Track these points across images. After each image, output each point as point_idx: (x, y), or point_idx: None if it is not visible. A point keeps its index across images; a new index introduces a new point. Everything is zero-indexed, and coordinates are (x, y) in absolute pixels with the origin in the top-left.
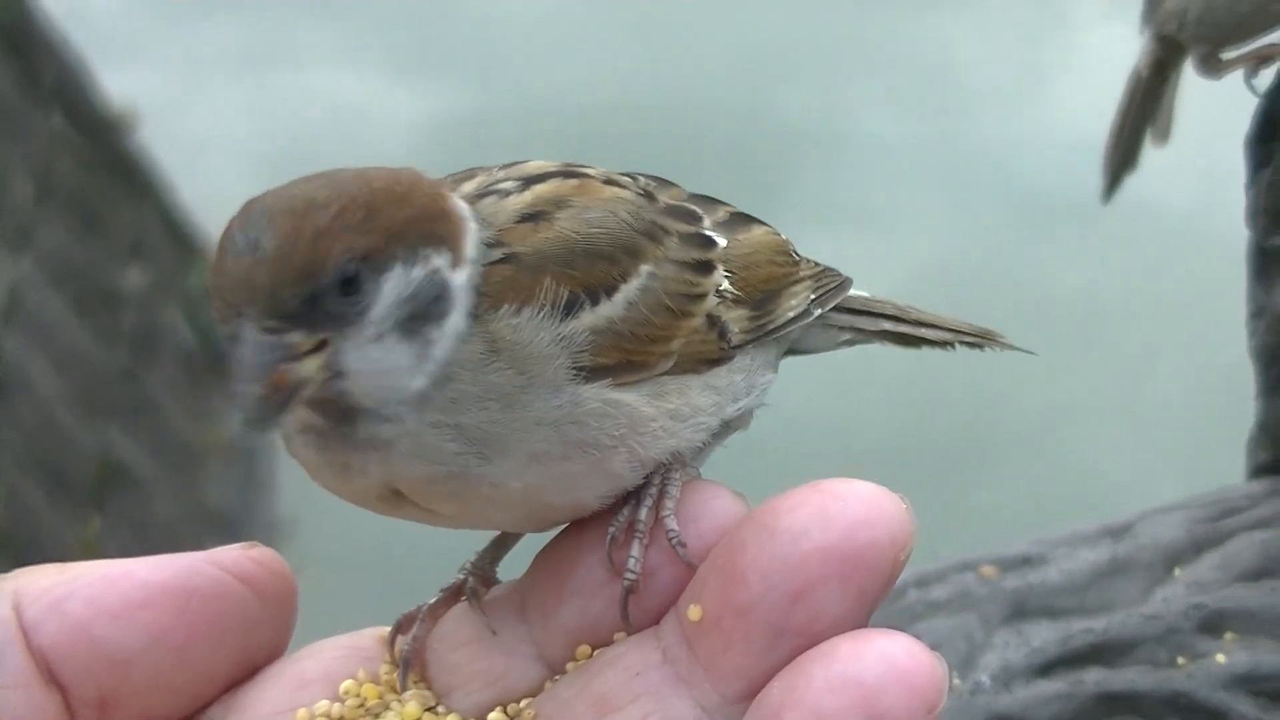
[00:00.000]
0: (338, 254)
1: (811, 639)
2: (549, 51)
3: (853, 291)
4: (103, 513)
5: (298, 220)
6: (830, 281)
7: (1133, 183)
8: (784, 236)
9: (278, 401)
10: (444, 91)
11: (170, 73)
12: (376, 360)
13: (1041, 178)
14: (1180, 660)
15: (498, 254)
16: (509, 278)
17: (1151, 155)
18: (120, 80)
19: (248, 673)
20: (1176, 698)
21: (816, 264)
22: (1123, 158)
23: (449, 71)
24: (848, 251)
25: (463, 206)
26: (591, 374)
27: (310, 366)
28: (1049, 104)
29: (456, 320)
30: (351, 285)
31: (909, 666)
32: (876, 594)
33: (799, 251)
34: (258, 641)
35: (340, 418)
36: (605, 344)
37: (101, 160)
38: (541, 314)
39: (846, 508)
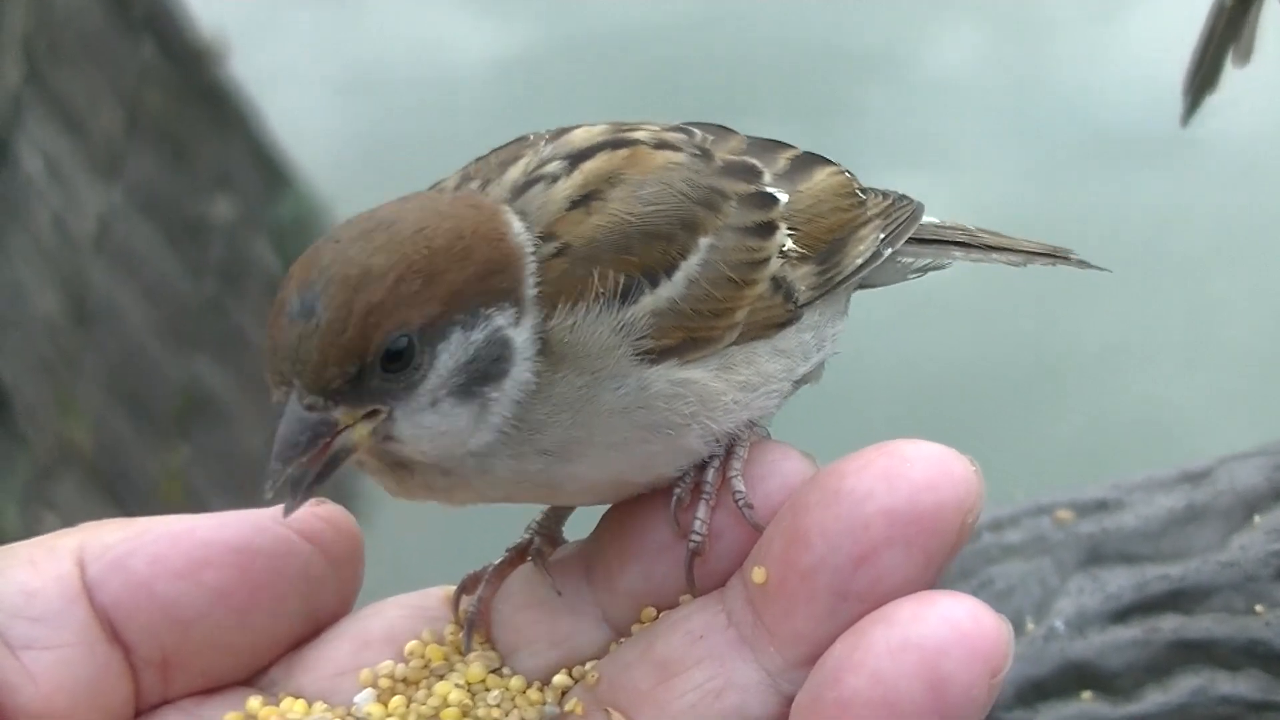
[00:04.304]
0: (388, 330)
1: (876, 603)
2: None
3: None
4: (189, 442)
5: (350, 293)
6: (900, 214)
7: (1209, 118)
8: (848, 174)
9: (318, 472)
10: (522, 24)
11: (256, 1)
12: (430, 426)
13: (1117, 110)
14: (1259, 608)
15: (551, 248)
16: (564, 273)
17: (1229, 91)
18: (208, 9)
19: (311, 631)
20: (1254, 645)
21: (884, 195)
22: (1203, 80)
23: (528, 4)
24: (916, 183)
25: (520, 236)
26: (656, 356)
27: (359, 433)
28: (1127, 33)
29: (519, 375)
30: (403, 358)
31: (971, 629)
32: (943, 558)
33: (864, 187)
34: (322, 600)
35: (395, 464)
36: (668, 325)
37: (190, 90)
38: (599, 306)
39: (912, 470)
